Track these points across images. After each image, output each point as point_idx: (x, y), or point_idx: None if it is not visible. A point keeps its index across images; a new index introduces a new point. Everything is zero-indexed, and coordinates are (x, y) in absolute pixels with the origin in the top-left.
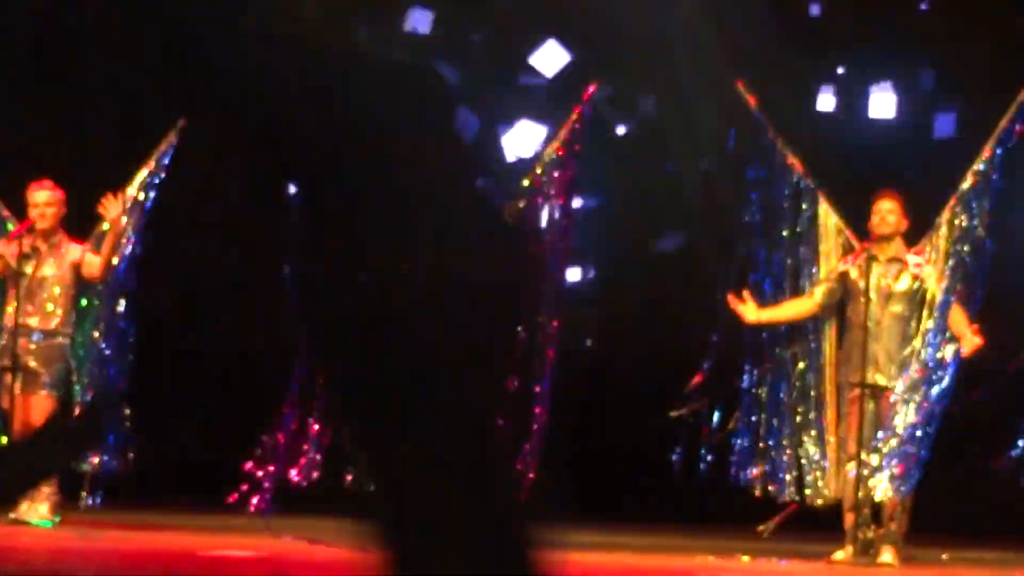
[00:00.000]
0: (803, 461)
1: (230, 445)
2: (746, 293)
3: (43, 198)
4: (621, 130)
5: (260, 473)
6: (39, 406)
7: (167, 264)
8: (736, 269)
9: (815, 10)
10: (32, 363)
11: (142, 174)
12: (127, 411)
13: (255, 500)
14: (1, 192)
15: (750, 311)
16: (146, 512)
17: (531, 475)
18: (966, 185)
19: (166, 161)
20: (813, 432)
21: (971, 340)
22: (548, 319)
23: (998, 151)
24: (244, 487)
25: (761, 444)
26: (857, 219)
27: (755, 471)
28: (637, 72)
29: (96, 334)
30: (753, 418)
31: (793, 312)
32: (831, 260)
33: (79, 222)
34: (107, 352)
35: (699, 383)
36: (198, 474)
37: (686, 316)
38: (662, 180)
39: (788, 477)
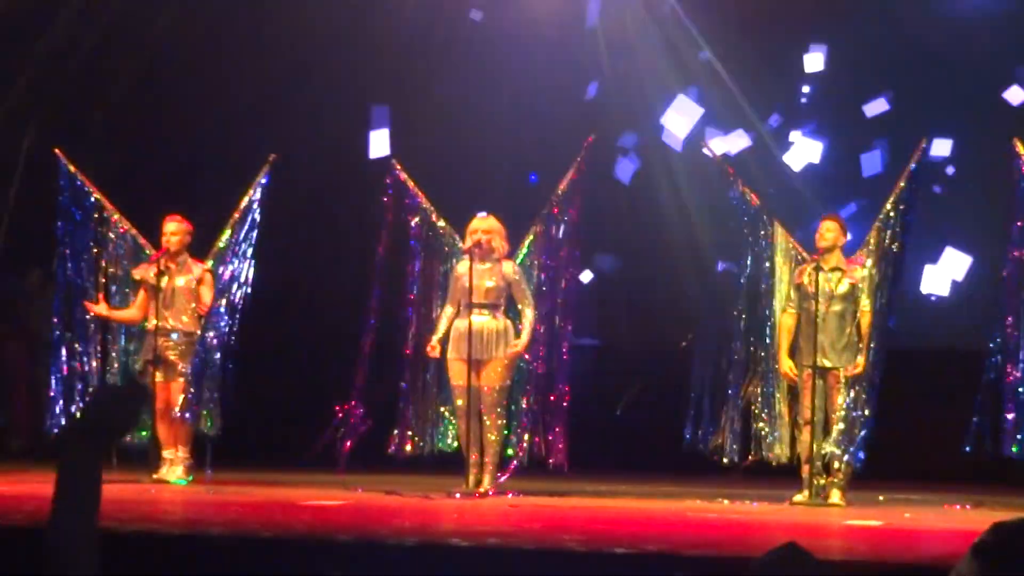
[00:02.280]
0: (764, 430)
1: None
2: (791, 367)
3: (172, 228)
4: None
5: (343, 437)
6: (177, 390)
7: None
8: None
9: None
10: (171, 356)
11: (243, 203)
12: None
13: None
14: (141, 224)
15: (787, 367)
16: (255, 471)
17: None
18: (886, 211)
19: (260, 191)
20: (768, 408)
21: (855, 369)
22: (563, 318)
23: (912, 185)
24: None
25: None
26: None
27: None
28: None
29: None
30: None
31: (791, 332)
32: (783, 270)
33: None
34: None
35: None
36: (286, 438)
37: (673, 317)
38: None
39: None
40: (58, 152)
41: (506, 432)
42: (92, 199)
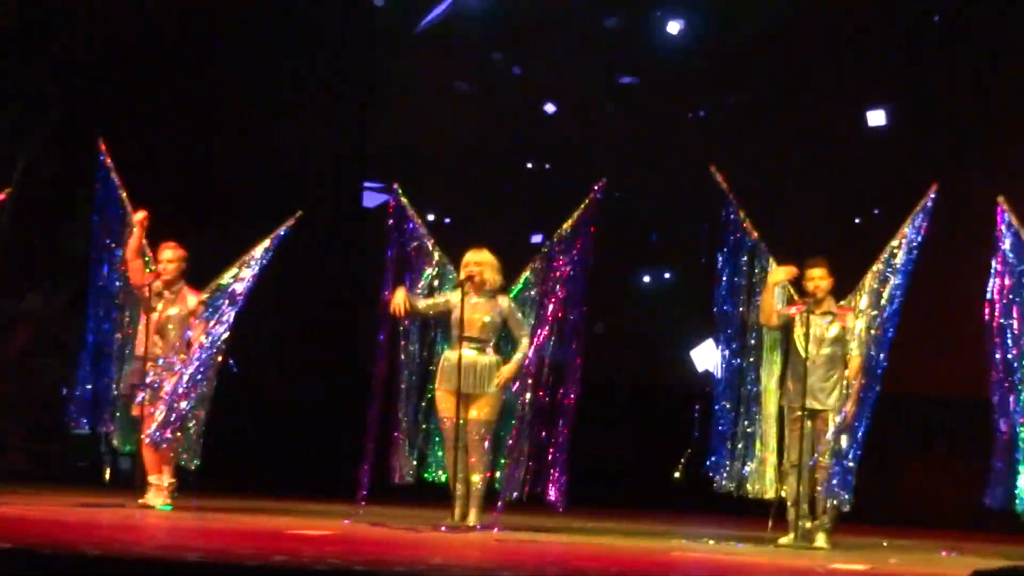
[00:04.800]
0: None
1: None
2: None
3: (168, 255)
4: None
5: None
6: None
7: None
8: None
9: None
10: (157, 384)
11: (256, 251)
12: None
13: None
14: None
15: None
16: (241, 499)
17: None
18: (881, 261)
19: (276, 242)
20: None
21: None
22: (573, 356)
23: (910, 235)
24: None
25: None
26: None
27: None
28: None
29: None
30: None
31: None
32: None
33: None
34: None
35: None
36: (275, 468)
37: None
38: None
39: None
40: (102, 143)
41: (498, 463)
42: (120, 196)
